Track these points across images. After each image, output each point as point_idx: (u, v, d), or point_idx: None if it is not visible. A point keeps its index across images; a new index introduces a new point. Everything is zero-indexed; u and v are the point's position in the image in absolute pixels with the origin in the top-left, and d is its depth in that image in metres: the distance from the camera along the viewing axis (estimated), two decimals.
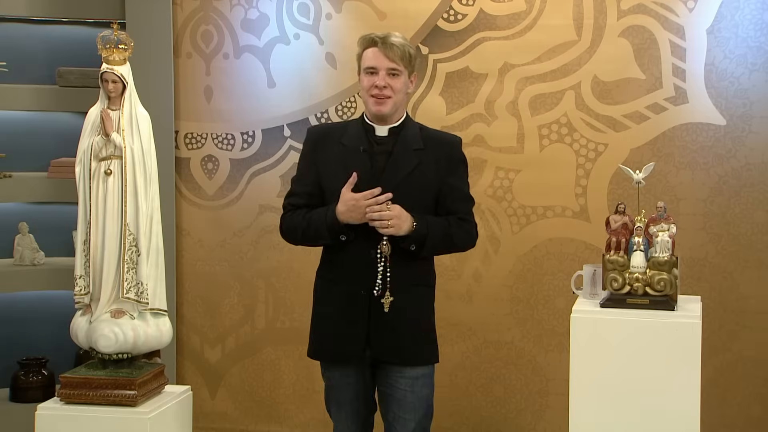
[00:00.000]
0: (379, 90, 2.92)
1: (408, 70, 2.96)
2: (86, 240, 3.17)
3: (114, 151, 3.16)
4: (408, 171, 2.94)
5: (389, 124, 2.99)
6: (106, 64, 3.19)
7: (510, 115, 4.17)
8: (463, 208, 3.03)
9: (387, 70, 2.92)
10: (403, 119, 3.02)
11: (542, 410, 4.23)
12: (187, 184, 4.52)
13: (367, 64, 2.95)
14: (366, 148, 2.96)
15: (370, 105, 2.96)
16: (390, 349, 2.97)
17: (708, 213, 4.01)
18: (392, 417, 3.04)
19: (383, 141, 2.98)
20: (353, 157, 2.95)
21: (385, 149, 2.97)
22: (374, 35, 2.96)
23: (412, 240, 2.89)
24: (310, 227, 2.97)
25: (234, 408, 4.53)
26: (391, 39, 2.93)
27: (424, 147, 2.99)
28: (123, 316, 3.17)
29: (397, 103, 2.96)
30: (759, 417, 4.03)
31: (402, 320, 2.95)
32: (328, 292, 3.05)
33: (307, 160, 3.07)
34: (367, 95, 2.95)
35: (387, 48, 2.92)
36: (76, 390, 3.14)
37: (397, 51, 2.92)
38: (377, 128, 2.99)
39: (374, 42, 2.94)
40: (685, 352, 2.82)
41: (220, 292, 4.52)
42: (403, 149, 2.97)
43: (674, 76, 4.00)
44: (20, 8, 4.49)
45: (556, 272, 4.16)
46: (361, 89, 2.99)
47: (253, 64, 4.42)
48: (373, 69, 2.93)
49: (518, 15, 4.13)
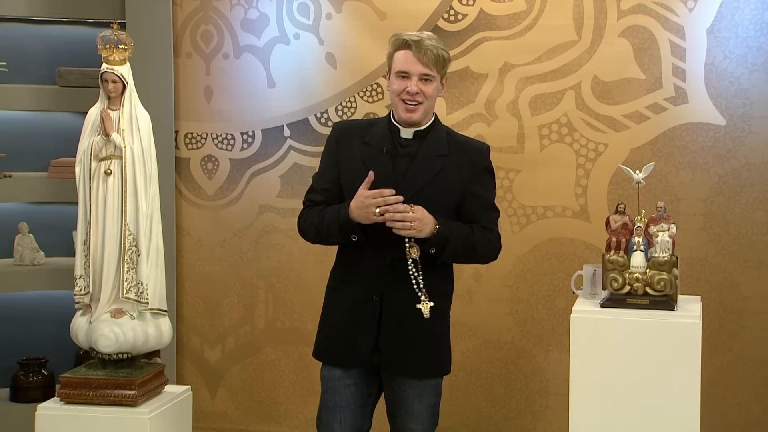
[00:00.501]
0: (410, 96, 2.84)
1: (440, 75, 2.88)
2: (86, 240, 3.17)
3: (114, 151, 3.17)
4: (430, 177, 2.86)
5: (416, 127, 2.90)
6: (106, 64, 3.19)
7: (510, 115, 4.17)
8: (486, 217, 2.94)
9: (420, 76, 2.83)
10: (430, 123, 2.93)
11: (542, 410, 4.23)
12: (187, 184, 4.52)
13: (399, 68, 2.85)
14: (389, 149, 2.88)
15: (400, 110, 2.87)
16: (400, 359, 2.89)
17: (708, 213, 4.01)
18: (399, 424, 2.98)
19: (408, 144, 2.90)
20: (376, 157, 2.87)
21: (408, 152, 2.88)
22: (408, 37, 2.85)
23: (433, 243, 2.80)
24: (323, 224, 2.89)
25: (234, 408, 4.53)
26: (425, 42, 2.83)
27: (448, 153, 2.90)
28: (123, 316, 3.17)
29: (428, 109, 2.88)
30: (759, 417, 4.03)
31: (415, 330, 2.88)
32: (341, 295, 2.96)
33: (329, 155, 2.99)
34: (398, 99, 2.86)
35: (421, 53, 2.82)
36: (76, 390, 3.14)
37: (430, 56, 2.82)
38: (402, 130, 2.90)
39: (408, 45, 2.84)
40: (685, 352, 2.82)
41: (220, 292, 4.52)
42: (427, 154, 2.88)
43: (674, 76, 4.00)
44: (20, 8, 4.49)
45: (556, 272, 4.16)
46: (391, 92, 2.90)
47: (253, 64, 4.42)
48: (406, 73, 2.84)
49: (518, 15, 4.13)
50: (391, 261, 2.85)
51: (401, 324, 2.87)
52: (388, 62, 2.92)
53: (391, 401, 3.00)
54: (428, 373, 2.95)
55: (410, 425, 2.96)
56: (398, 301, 2.87)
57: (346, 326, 2.93)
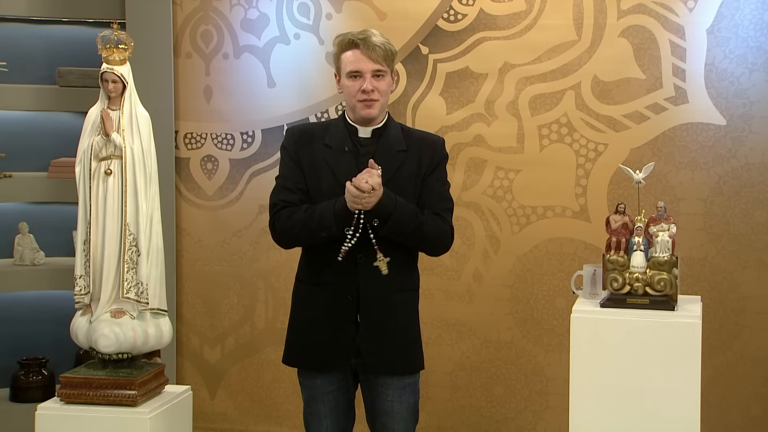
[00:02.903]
0: (367, 94, 2.83)
1: (390, 69, 2.88)
2: (86, 240, 3.17)
3: (114, 151, 3.16)
4: (392, 172, 2.85)
5: (372, 125, 2.91)
6: (106, 64, 3.19)
7: (510, 115, 4.17)
8: (438, 205, 2.93)
9: (372, 73, 2.83)
10: (385, 120, 2.94)
11: (542, 410, 4.23)
12: (187, 184, 4.52)
13: (350, 68, 2.84)
14: (351, 149, 2.89)
15: (359, 109, 2.87)
16: (380, 359, 2.89)
17: (708, 213, 4.01)
18: (380, 426, 2.97)
19: (367, 143, 2.91)
20: (338, 158, 2.88)
21: (368, 150, 2.89)
22: (353, 36, 2.85)
23: (376, 214, 2.77)
24: (313, 218, 2.82)
25: (234, 408, 4.53)
26: (373, 39, 2.82)
27: (407, 148, 2.91)
28: (123, 316, 3.17)
29: (383, 105, 2.89)
30: (759, 417, 4.03)
31: (392, 327, 2.89)
32: (312, 297, 2.93)
33: (290, 159, 2.95)
34: (354, 100, 2.86)
35: (370, 50, 2.82)
36: (76, 390, 3.14)
37: (380, 51, 2.82)
38: (360, 129, 2.91)
39: (355, 44, 2.83)
40: (685, 352, 2.82)
41: (220, 292, 4.52)
42: (387, 150, 2.89)
43: (674, 76, 4.00)
44: (20, 8, 4.49)
45: (556, 272, 4.16)
46: (345, 93, 2.90)
47: (253, 64, 4.42)
48: (357, 72, 2.84)
49: (518, 15, 4.13)
50: (363, 257, 2.83)
51: (379, 322, 2.87)
52: (336, 64, 2.91)
53: (371, 404, 2.98)
54: (408, 369, 2.95)
55: (392, 426, 2.95)
56: (374, 299, 2.86)
57: (321, 329, 2.90)
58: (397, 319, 2.90)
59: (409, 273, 2.97)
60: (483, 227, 4.23)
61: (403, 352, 2.93)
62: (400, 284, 2.91)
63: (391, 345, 2.89)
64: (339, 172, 2.85)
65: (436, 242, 2.94)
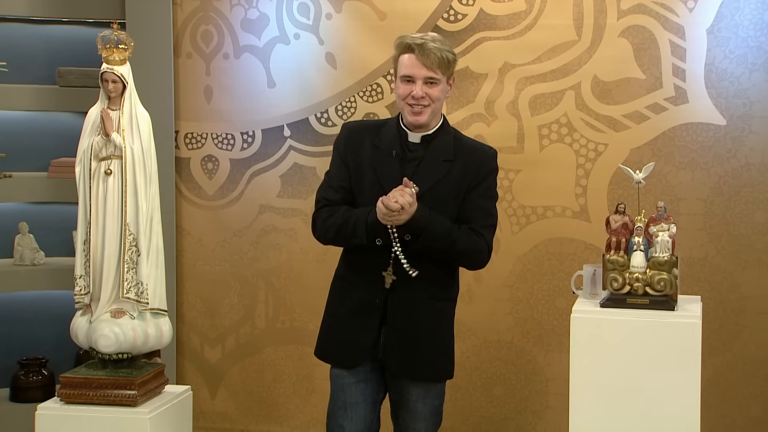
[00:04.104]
0: (416, 100, 2.82)
1: (446, 76, 2.87)
2: (86, 240, 3.17)
3: (114, 151, 3.17)
4: (434, 181, 2.84)
5: (424, 131, 2.89)
6: (106, 64, 3.19)
7: (510, 115, 4.17)
8: (477, 220, 2.89)
9: (424, 79, 2.81)
10: (438, 126, 2.91)
11: (542, 410, 4.23)
12: (187, 184, 4.52)
13: (403, 72, 2.84)
14: (398, 152, 2.87)
15: (407, 114, 2.85)
16: (404, 364, 2.91)
17: (708, 213, 4.01)
18: (403, 424, 3.00)
19: (415, 148, 2.88)
20: (384, 161, 2.87)
21: (415, 156, 2.87)
22: (411, 40, 2.83)
23: (407, 229, 2.77)
24: (348, 225, 2.84)
25: (234, 408, 4.53)
26: (429, 45, 2.80)
27: (454, 158, 2.88)
28: (123, 316, 3.17)
29: (435, 111, 2.86)
30: (759, 417, 4.03)
31: (419, 335, 2.89)
32: (345, 296, 2.96)
33: (339, 156, 2.97)
34: (404, 103, 2.85)
35: (424, 56, 2.80)
36: (76, 390, 3.14)
37: (434, 58, 2.80)
38: (410, 134, 2.89)
39: (411, 48, 2.82)
40: (685, 352, 2.82)
41: (220, 292, 4.52)
42: (433, 159, 2.87)
43: (674, 76, 4.00)
44: (20, 8, 4.49)
45: (556, 272, 4.16)
46: (397, 96, 2.90)
47: (253, 64, 4.42)
48: (410, 77, 2.82)
49: (518, 15, 4.13)
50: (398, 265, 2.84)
51: (405, 329, 2.88)
52: (394, 65, 2.91)
53: (395, 402, 3.01)
54: (432, 377, 2.97)
55: (413, 425, 2.98)
56: (401, 304, 2.87)
57: (347, 329, 2.93)
58: (425, 328, 2.91)
59: (442, 282, 2.95)
60: None
61: (428, 360, 2.93)
62: (432, 292, 2.91)
63: (417, 351, 2.89)
64: (382, 175, 2.84)
65: (469, 260, 2.95)
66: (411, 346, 2.89)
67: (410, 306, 2.87)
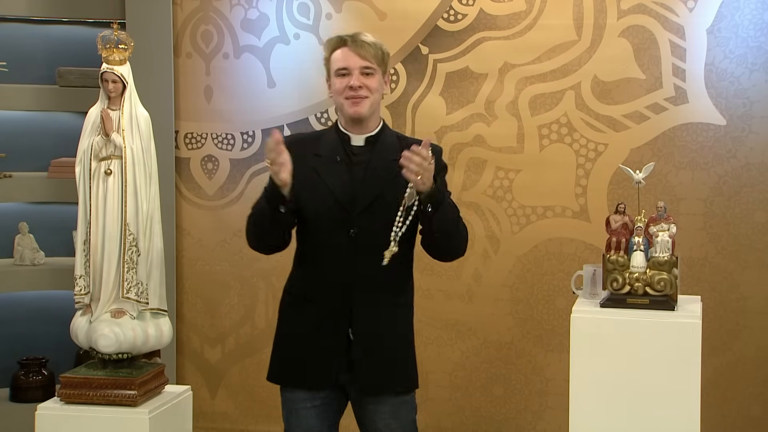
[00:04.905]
0: (354, 91, 2.69)
1: (381, 70, 2.74)
2: (86, 240, 3.17)
3: (114, 151, 3.17)
4: (387, 181, 2.70)
5: (365, 132, 2.76)
6: (106, 64, 3.19)
7: (510, 115, 4.17)
8: None
9: (360, 70, 2.70)
10: (379, 127, 2.79)
11: (542, 410, 4.23)
12: (187, 184, 4.52)
13: (338, 66, 2.72)
14: (343, 158, 2.74)
15: (346, 108, 2.72)
16: (376, 378, 2.73)
17: (708, 213, 4.01)
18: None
19: (360, 151, 2.76)
20: (330, 168, 2.73)
21: (362, 159, 2.74)
22: (342, 35, 2.75)
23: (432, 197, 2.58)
24: (256, 207, 2.69)
25: (234, 408, 4.53)
26: (362, 37, 2.72)
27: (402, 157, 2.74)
28: (123, 316, 3.17)
29: (374, 104, 2.74)
30: (759, 417, 4.03)
31: (388, 345, 2.75)
32: (300, 312, 2.78)
33: None
34: (341, 98, 2.72)
35: (358, 46, 2.70)
36: (76, 390, 3.14)
37: (369, 49, 2.70)
38: (353, 138, 2.76)
39: (344, 42, 2.72)
40: (685, 352, 2.82)
41: (220, 292, 4.52)
42: (381, 159, 2.74)
43: (674, 76, 4.00)
44: (20, 8, 4.49)
45: (556, 272, 4.16)
46: (333, 94, 2.75)
47: (253, 64, 4.42)
48: (345, 70, 2.70)
49: (518, 15, 4.13)
50: (361, 274, 2.70)
51: (374, 340, 2.73)
52: (326, 66, 2.78)
53: (365, 425, 2.83)
54: (404, 388, 2.80)
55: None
56: (369, 316, 2.73)
57: (312, 346, 2.75)
58: (392, 336, 2.77)
59: (403, 287, 2.83)
60: (483, 227, 4.23)
61: (399, 370, 2.79)
62: (395, 299, 2.78)
63: (386, 362, 2.75)
64: (331, 183, 2.71)
65: (460, 242, 2.78)
66: (382, 359, 2.74)
67: (376, 314, 2.73)
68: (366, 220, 2.69)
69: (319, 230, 2.73)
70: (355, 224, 2.70)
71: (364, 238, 2.69)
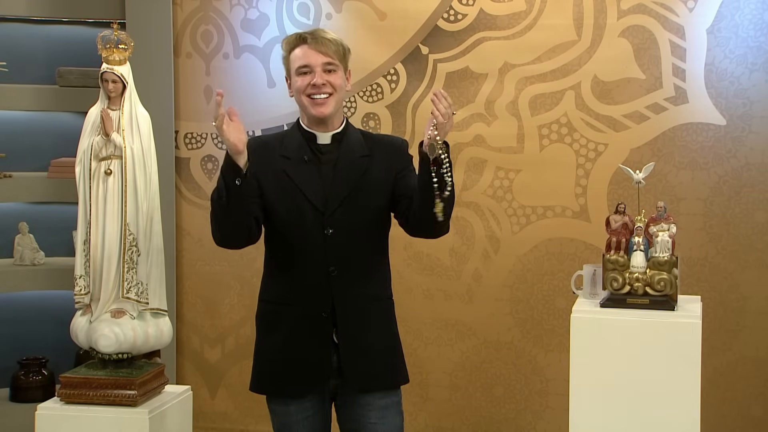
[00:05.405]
0: (317, 89, 2.62)
1: (343, 66, 2.68)
2: (86, 240, 3.17)
3: (114, 151, 3.17)
4: (357, 179, 2.66)
5: (330, 130, 2.69)
6: (106, 64, 3.19)
7: (510, 115, 4.17)
8: None
9: (322, 67, 2.62)
10: (344, 125, 2.73)
11: (542, 410, 4.23)
12: (187, 184, 4.52)
13: (298, 64, 2.63)
14: (310, 158, 2.67)
15: (309, 108, 2.64)
16: (364, 376, 2.67)
17: (708, 213, 4.01)
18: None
19: (327, 150, 2.68)
20: (298, 168, 2.65)
21: (330, 158, 2.67)
22: (301, 33, 2.68)
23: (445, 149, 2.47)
24: (214, 191, 2.55)
25: (234, 408, 4.53)
26: (322, 34, 2.65)
27: (370, 153, 2.70)
28: (123, 316, 3.17)
29: (339, 101, 2.67)
30: (759, 417, 4.03)
31: (372, 340, 2.69)
32: (279, 318, 2.70)
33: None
34: (304, 97, 2.64)
35: (319, 43, 2.63)
36: (76, 390, 3.14)
37: (330, 46, 2.63)
38: (319, 136, 2.68)
39: (303, 39, 2.65)
40: (685, 352, 2.82)
41: (220, 292, 4.52)
42: (349, 157, 2.68)
43: (674, 76, 4.00)
44: (20, 8, 4.50)
45: (556, 272, 4.16)
46: (294, 93, 2.68)
47: (253, 64, 4.42)
48: (307, 68, 2.63)
49: (518, 15, 4.13)
50: (335, 269, 2.64)
51: (358, 337, 2.67)
52: (285, 66, 2.71)
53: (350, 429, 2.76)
54: (393, 383, 2.74)
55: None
56: (351, 313, 2.67)
57: (294, 352, 2.67)
58: (377, 331, 2.71)
59: (382, 280, 2.76)
60: (483, 227, 4.23)
61: (387, 365, 2.73)
62: (375, 293, 2.72)
63: (374, 359, 2.69)
64: (301, 183, 2.64)
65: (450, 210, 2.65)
66: (367, 355, 2.68)
67: (359, 311, 2.67)
68: (340, 218, 2.63)
69: (293, 233, 2.66)
70: (329, 224, 2.63)
71: (339, 237, 2.64)
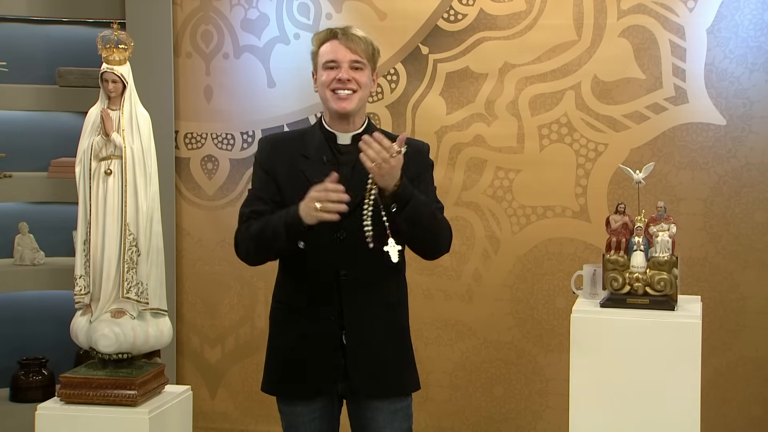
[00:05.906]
0: (342, 84, 2.60)
1: (371, 66, 2.65)
2: (86, 240, 3.17)
3: (114, 151, 3.16)
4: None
5: (351, 130, 2.66)
6: (106, 64, 3.19)
7: (510, 115, 4.17)
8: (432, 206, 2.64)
9: (350, 63, 2.61)
10: (365, 125, 2.69)
11: (542, 410, 4.23)
12: (187, 184, 4.52)
13: (326, 58, 2.63)
14: (330, 158, 2.64)
15: (331, 102, 2.62)
16: (371, 382, 2.65)
17: (708, 213, 4.01)
18: None
19: (347, 150, 2.64)
20: (317, 169, 2.61)
21: (349, 159, 2.62)
22: (333, 28, 2.67)
23: (396, 196, 2.47)
24: (269, 227, 2.57)
25: (234, 408, 4.53)
26: (353, 31, 2.64)
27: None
28: (123, 316, 3.17)
29: (362, 100, 2.64)
30: (759, 417, 4.03)
31: (380, 347, 2.66)
32: (291, 320, 2.71)
33: (263, 173, 2.70)
34: (328, 91, 2.63)
35: (349, 40, 2.62)
36: (76, 390, 3.14)
37: (360, 43, 2.62)
38: (339, 136, 2.66)
39: (334, 34, 2.64)
40: (685, 352, 2.82)
41: (220, 292, 4.52)
42: None
43: (674, 76, 4.00)
44: (20, 8, 4.50)
45: (556, 272, 4.16)
46: (319, 87, 2.67)
47: (253, 64, 4.42)
48: (334, 63, 2.62)
49: (518, 15, 4.13)
50: (346, 273, 2.62)
51: (366, 342, 2.65)
52: (313, 60, 2.72)
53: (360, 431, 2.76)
54: (400, 391, 2.71)
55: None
56: (359, 318, 2.65)
57: (303, 354, 2.68)
58: (387, 338, 2.68)
59: (395, 287, 2.73)
60: (483, 227, 4.23)
61: (395, 373, 2.70)
62: (386, 299, 2.69)
63: (382, 366, 2.66)
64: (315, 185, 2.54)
65: (446, 235, 2.66)
66: (375, 361, 2.66)
67: (367, 316, 2.65)
68: (354, 222, 2.56)
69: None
70: (343, 227, 2.58)
71: (352, 240, 2.59)
